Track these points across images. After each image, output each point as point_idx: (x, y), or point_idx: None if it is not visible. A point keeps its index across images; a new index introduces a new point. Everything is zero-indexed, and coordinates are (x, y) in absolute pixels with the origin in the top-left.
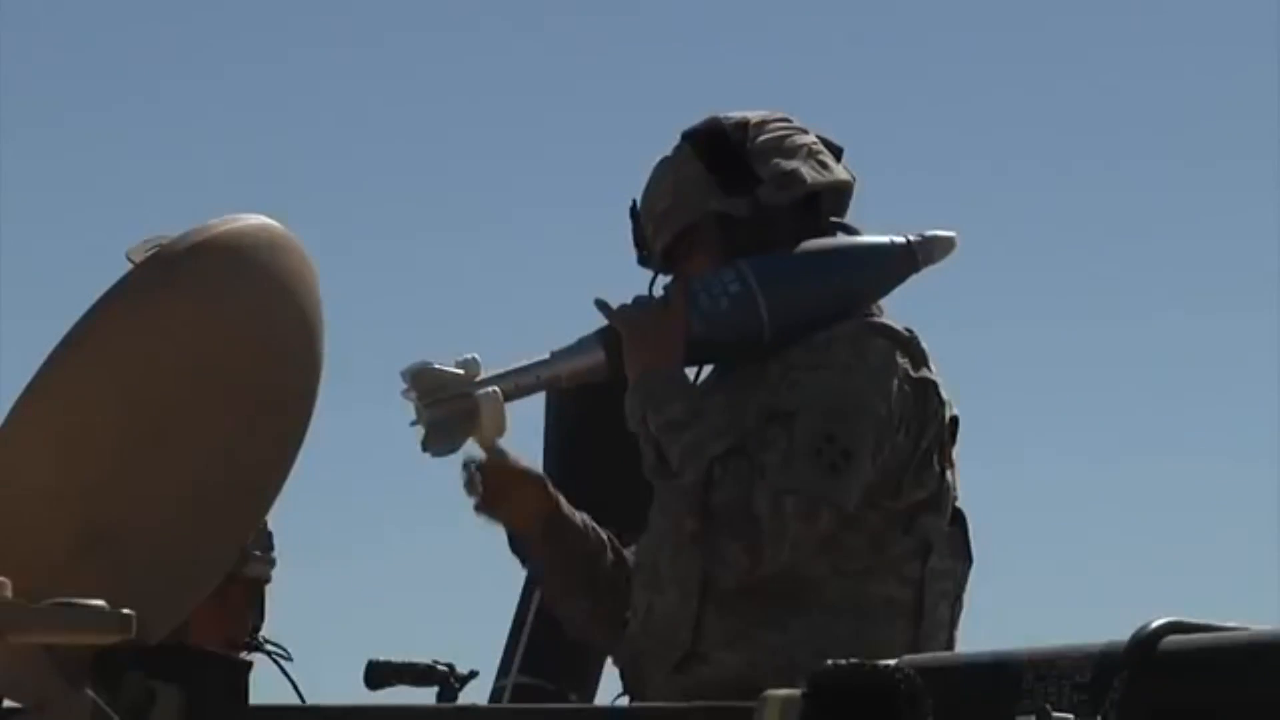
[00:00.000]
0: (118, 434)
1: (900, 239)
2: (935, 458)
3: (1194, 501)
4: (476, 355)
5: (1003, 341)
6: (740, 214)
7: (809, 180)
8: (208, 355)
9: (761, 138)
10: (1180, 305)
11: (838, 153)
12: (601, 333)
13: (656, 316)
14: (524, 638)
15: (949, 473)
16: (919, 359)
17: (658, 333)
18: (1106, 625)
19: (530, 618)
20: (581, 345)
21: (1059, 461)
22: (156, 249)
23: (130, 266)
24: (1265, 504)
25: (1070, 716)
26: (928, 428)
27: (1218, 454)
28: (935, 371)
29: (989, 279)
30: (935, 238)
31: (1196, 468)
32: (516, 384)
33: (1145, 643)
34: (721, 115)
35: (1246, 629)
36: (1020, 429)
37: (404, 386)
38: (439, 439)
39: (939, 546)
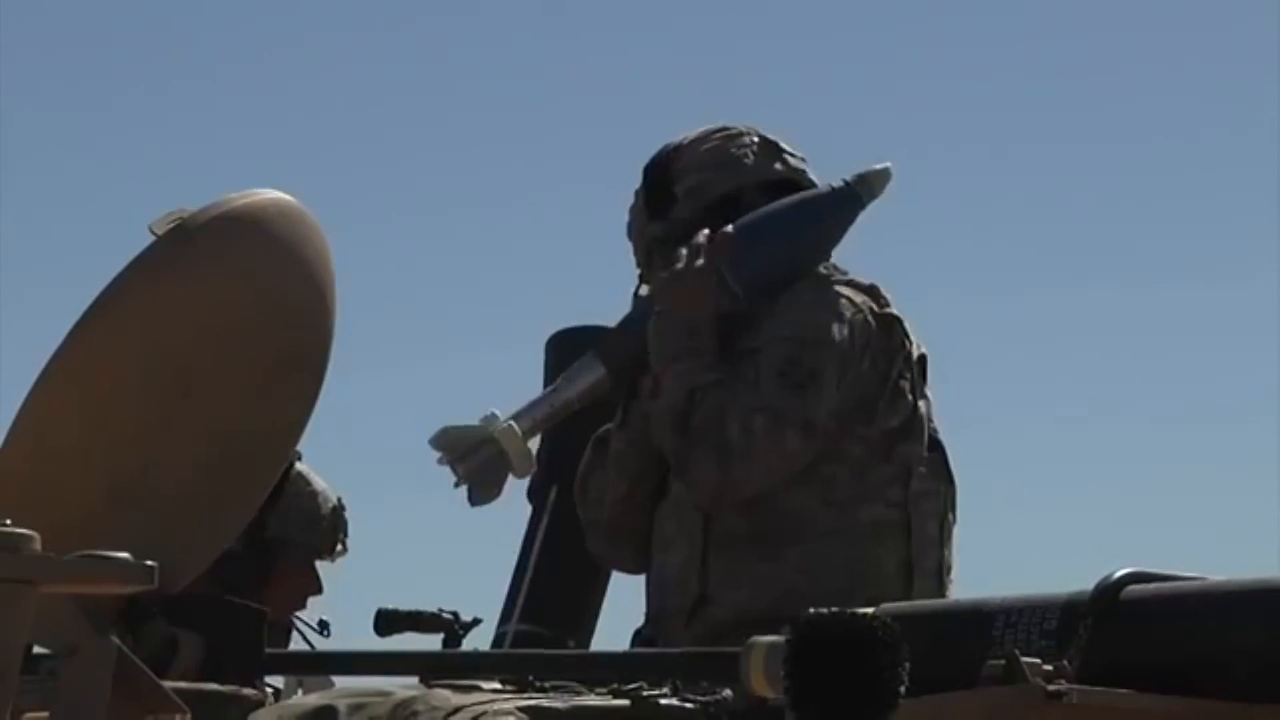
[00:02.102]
0: (142, 395)
1: (838, 182)
2: (906, 387)
3: (1160, 461)
4: (495, 410)
5: (975, 305)
6: (662, 235)
7: (713, 186)
8: (227, 321)
9: (687, 159)
10: (1154, 273)
11: (774, 149)
12: (597, 350)
13: (687, 271)
14: (524, 587)
15: (921, 403)
16: (881, 302)
17: (687, 284)
18: (1074, 575)
19: (530, 568)
20: (582, 366)
21: (1038, 422)
22: (178, 222)
23: (153, 238)
24: (1230, 463)
25: (1038, 661)
26: (895, 357)
27: (1189, 417)
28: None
29: (983, 251)
30: (871, 172)
31: (1164, 430)
32: (534, 418)
33: (1108, 592)
34: (667, 143)
35: (1203, 579)
36: (1000, 391)
37: (437, 455)
38: (480, 490)
39: (918, 470)
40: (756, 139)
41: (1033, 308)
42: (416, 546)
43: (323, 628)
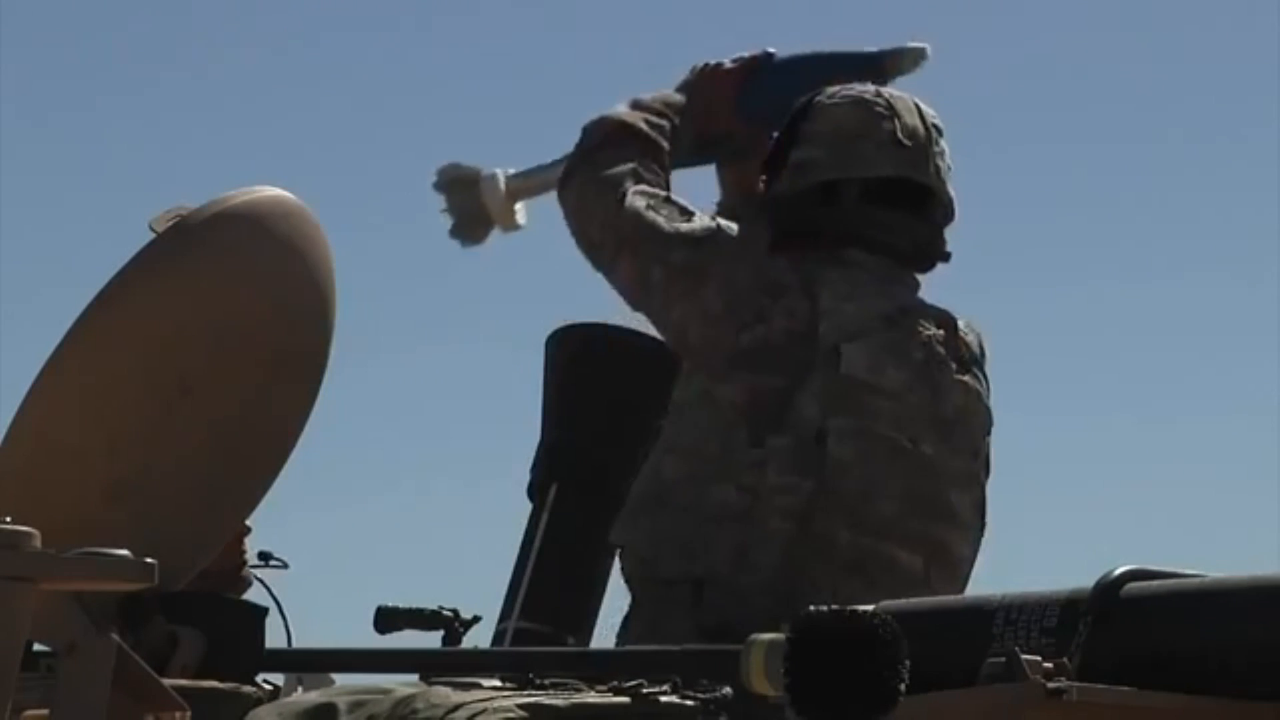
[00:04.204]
0: (142, 392)
1: (873, 48)
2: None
3: (1160, 459)
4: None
5: (974, 305)
6: (759, 190)
7: (818, 170)
8: (227, 317)
9: (817, 122)
10: (1155, 272)
11: (903, 146)
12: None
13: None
14: (524, 585)
15: (798, 394)
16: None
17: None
18: (1074, 573)
19: (530, 566)
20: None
21: (1038, 421)
22: (178, 219)
23: (153, 236)
24: (1231, 461)
25: (1038, 659)
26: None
27: (1190, 415)
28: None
29: (981, 250)
30: (905, 49)
31: (1164, 428)
32: (526, 182)
33: (1109, 589)
34: (814, 93)
35: (1202, 576)
36: (999, 390)
37: (433, 179)
38: (462, 230)
39: (778, 463)
40: (893, 127)
41: (1032, 307)
42: (416, 544)
43: (266, 559)
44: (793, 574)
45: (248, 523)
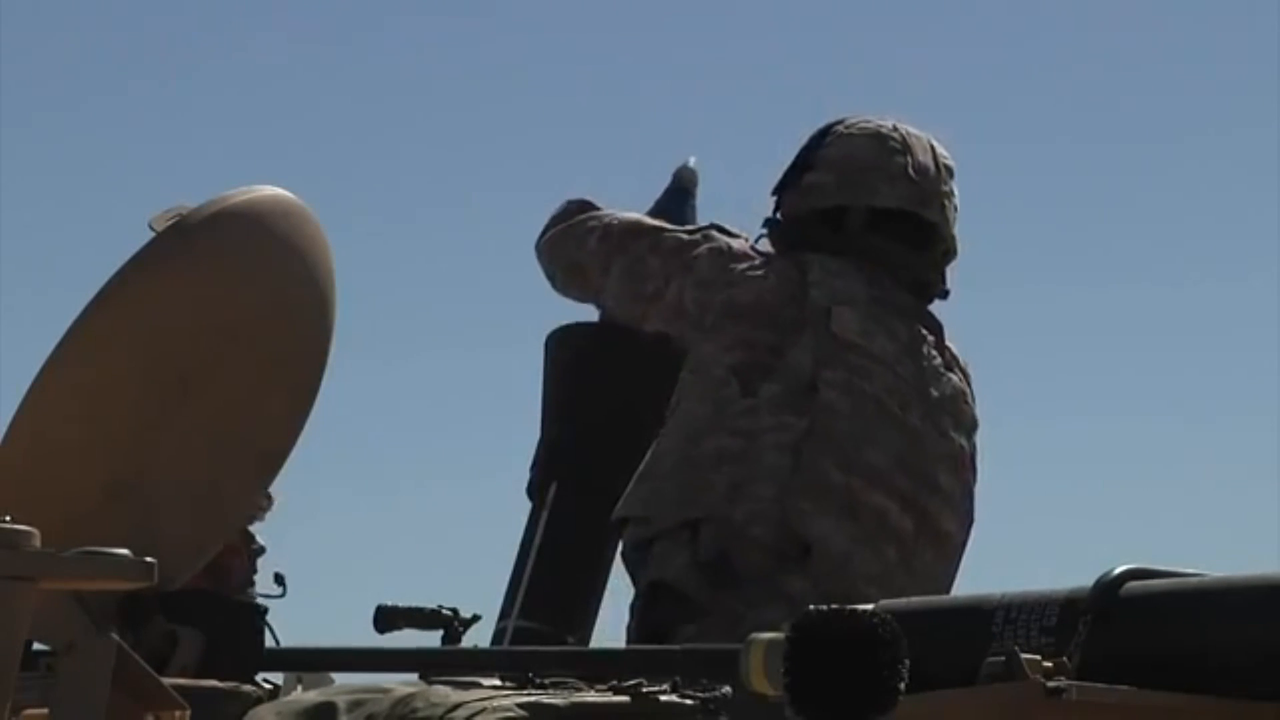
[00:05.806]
0: (142, 391)
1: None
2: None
3: (1160, 459)
4: None
5: (973, 305)
6: (771, 210)
7: (827, 195)
8: (226, 316)
9: (832, 150)
10: (1153, 272)
11: (913, 181)
12: None
13: None
14: (523, 584)
15: (790, 349)
16: None
17: None
18: (1074, 572)
19: (530, 565)
20: None
21: (1037, 420)
22: (177, 218)
23: (153, 234)
24: (1230, 461)
25: (1038, 658)
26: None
27: (1189, 414)
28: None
29: (980, 250)
30: (680, 171)
31: (1164, 428)
32: None
33: (1108, 588)
34: (839, 120)
35: (1201, 575)
36: (998, 389)
37: None
38: None
39: (771, 406)
40: (905, 162)
41: (1031, 307)
42: (415, 543)
43: (280, 581)
44: (788, 505)
45: (261, 542)
